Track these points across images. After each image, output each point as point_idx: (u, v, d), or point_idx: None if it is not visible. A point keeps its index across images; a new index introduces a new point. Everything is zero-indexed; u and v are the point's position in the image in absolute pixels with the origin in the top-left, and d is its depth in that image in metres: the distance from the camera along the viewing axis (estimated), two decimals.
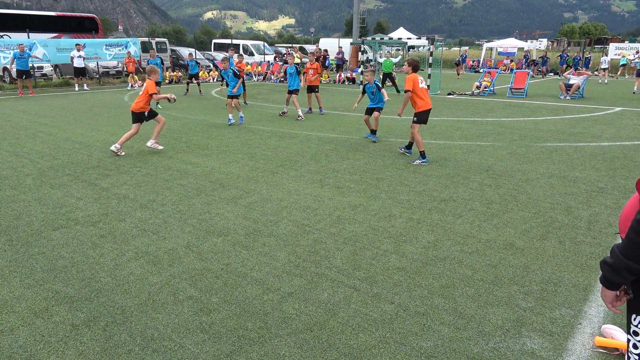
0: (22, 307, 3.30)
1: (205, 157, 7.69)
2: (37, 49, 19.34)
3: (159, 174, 6.67)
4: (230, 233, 4.58)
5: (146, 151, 8.13)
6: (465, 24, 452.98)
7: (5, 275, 3.75)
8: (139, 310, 3.25)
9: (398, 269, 3.84)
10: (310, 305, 3.32)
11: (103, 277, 3.71)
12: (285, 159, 7.58)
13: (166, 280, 3.66)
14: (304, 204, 5.42)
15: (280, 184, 6.17)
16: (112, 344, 2.90)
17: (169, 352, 2.82)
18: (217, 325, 3.08)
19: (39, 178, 6.47)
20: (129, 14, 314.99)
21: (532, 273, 3.78)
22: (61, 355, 2.79)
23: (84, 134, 9.71)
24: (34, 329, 3.04)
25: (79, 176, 6.57)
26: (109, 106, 14.12)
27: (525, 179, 6.38)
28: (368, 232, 4.59)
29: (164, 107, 13.82)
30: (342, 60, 28.02)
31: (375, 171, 6.81)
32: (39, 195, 5.75)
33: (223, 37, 54.18)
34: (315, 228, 4.70)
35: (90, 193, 5.82)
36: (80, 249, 4.22)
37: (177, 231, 4.63)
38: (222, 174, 6.67)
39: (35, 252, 4.16)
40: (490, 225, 4.76)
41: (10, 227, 4.72)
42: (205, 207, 5.30)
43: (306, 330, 3.04)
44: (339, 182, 6.28)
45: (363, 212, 5.14)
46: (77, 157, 7.64)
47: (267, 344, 2.89)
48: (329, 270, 3.82)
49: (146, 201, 5.52)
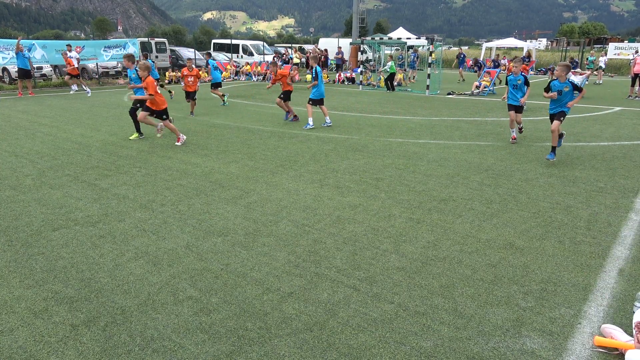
0: (21, 307, 3.30)
1: (204, 157, 7.69)
2: (36, 49, 19.33)
3: (158, 174, 6.67)
4: (229, 233, 4.58)
5: (146, 151, 8.13)
6: (465, 23, 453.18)
7: (4, 275, 3.75)
8: (138, 311, 3.25)
9: (398, 269, 3.84)
10: (310, 305, 3.32)
11: (103, 278, 3.71)
12: (285, 159, 7.57)
13: (166, 281, 3.66)
14: (303, 204, 5.42)
15: (279, 184, 6.17)
16: (112, 344, 2.90)
17: (169, 353, 2.82)
18: (217, 326, 3.08)
19: (39, 178, 6.47)
20: (129, 14, 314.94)
21: (532, 273, 3.78)
22: (61, 356, 2.79)
23: (84, 134, 9.70)
24: (34, 329, 3.04)
25: (78, 176, 6.57)
26: (108, 106, 14.11)
27: (525, 179, 6.38)
28: (368, 232, 4.59)
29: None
30: (341, 60, 28.02)
31: (375, 171, 6.81)
32: (39, 195, 5.75)
33: (222, 37, 54.17)
34: (315, 228, 4.70)
35: (90, 193, 5.82)
36: (80, 250, 4.22)
37: (177, 231, 4.63)
38: (221, 174, 6.67)
39: (34, 253, 4.16)
40: (489, 225, 4.76)
41: (9, 228, 4.72)
42: (205, 207, 5.30)
43: (306, 330, 3.04)
44: (338, 182, 6.29)
45: (363, 212, 5.14)
46: (76, 158, 7.63)
47: (267, 344, 2.89)
48: (329, 270, 3.82)
49: (146, 201, 5.52)
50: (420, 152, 8.04)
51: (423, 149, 8.24)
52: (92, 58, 21.45)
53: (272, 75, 11.67)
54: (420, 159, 7.51)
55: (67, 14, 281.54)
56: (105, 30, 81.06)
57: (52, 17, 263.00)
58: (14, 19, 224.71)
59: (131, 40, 23.53)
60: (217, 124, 11.08)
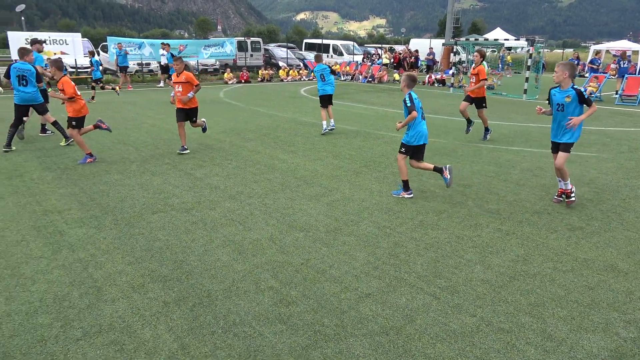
0: (122, 281, 3.63)
1: (291, 154, 7.90)
2: (145, 47, 21.13)
3: (247, 168, 6.97)
4: (311, 229, 4.67)
5: (238, 145, 8.54)
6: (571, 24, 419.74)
7: (110, 251, 4.15)
8: (223, 295, 3.43)
9: (482, 281, 3.67)
10: (387, 308, 3.28)
11: (193, 261, 3.96)
12: (370, 159, 7.55)
13: (249, 270, 3.82)
14: (386, 205, 5.37)
15: (363, 184, 6.17)
16: (198, 324, 3.09)
17: (249, 339, 2.94)
18: (294, 318, 3.16)
19: (142, 165, 7.06)
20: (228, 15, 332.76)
21: (636, 300, 3.41)
22: (153, 329, 3.03)
23: None
24: (132, 302, 3.33)
25: (176, 165, 7.08)
26: (204, 101, 15.03)
27: (634, 196, 5.78)
28: (452, 240, 4.43)
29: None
30: (432, 61, 27.29)
31: (463, 177, 6.55)
32: (142, 180, 6.28)
33: (314, 37, 55.29)
34: (396, 231, 4.64)
35: (186, 182, 6.24)
36: (175, 233, 4.54)
37: (262, 223, 4.81)
38: (306, 171, 6.81)
39: (135, 233, 4.55)
40: (589, 244, 4.38)
41: (116, 208, 5.21)
42: (289, 202, 5.45)
43: (382, 333, 3.01)
44: (423, 186, 6.14)
45: (447, 219, 4.97)
46: (175, 148, 8.22)
47: (342, 342, 2.91)
48: (409, 275, 3.75)
49: (235, 192, 5.80)
50: (513, 159, 7.59)
51: (516, 157, 7.77)
52: (193, 56, 22.97)
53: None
54: (512, 167, 7.09)
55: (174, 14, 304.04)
56: (206, 30, 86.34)
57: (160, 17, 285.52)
58: (127, 19, 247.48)
59: (229, 39, 24.81)
60: (305, 121, 11.33)
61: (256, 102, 14.77)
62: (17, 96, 7.82)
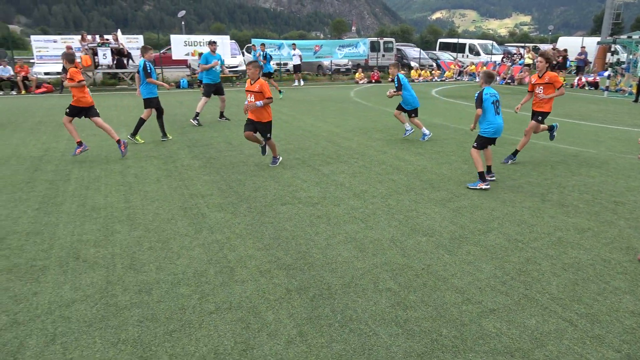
0: (252, 265, 3.91)
1: (418, 156, 7.75)
2: (284, 47, 22.49)
3: (372, 167, 7.01)
4: (435, 234, 4.53)
5: (364, 144, 8.63)
6: None
7: (243, 235, 4.50)
8: (342, 290, 3.51)
9: (632, 313, 3.20)
10: (513, 328, 3.05)
11: (315, 254, 4.11)
12: (501, 166, 7.06)
13: (369, 268, 3.85)
14: (518, 217, 4.98)
15: (493, 193, 5.80)
16: (317, 314, 3.20)
17: (364, 336, 2.96)
18: (411, 323, 3.10)
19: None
20: (362, 16, 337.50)
21: None
22: (276, 313, 3.22)
23: (313, 124, 10.86)
24: (259, 286, 3.58)
25: (305, 161, 7.41)
26: (335, 100, 15.47)
27: None
28: (596, 263, 3.95)
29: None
30: (584, 61, 24.49)
31: (615, 193, 5.79)
32: (274, 173, 6.69)
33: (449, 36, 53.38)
34: (529, 246, 4.28)
35: (313, 177, 6.50)
36: (300, 225, 4.76)
37: (384, 224, 4.80)
38: (433, 174, 6.62)
39: (265, 221, 4.87)
40: None
41: (250, 197, 5.63)
42: (413, 205, 5.36)
43: (506, 353, 2.80)
44: (564, 199, 5.56)
45: (592, 238, 4.44)
46: (305, 144, 8.60)
47: (461, 356, 2.78)
48: (541, 295, 3.43)
49: (359, 191, 5.88)
50: None
51: None
52: (327, 56, 23.80)
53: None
54: None
55: (311, 16, 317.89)
56: (341, 31, 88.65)
57: (299, 20, 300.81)
58: (270, 22, 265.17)
59: (362, 39, 25.18)
60: (435, 123, 11.01)
61: (385, 102, 14.75)
62: (145, 90, 8.48)
